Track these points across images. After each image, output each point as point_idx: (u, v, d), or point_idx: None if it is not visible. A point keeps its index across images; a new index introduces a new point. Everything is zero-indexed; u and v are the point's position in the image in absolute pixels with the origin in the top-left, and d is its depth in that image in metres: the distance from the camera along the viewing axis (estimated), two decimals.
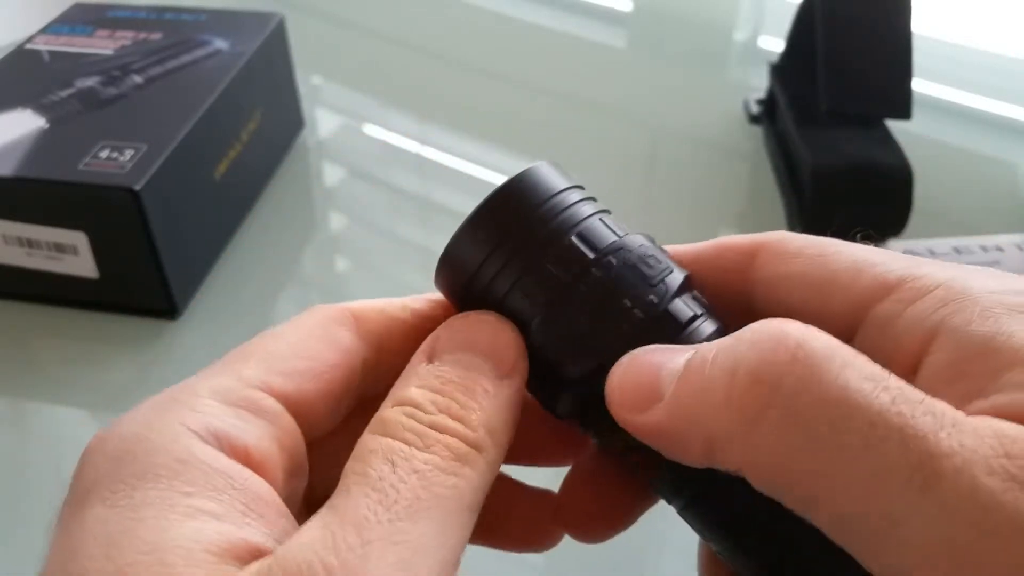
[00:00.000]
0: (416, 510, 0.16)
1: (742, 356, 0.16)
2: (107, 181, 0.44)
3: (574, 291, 0.19)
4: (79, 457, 0.18)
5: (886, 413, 0.14)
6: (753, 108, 0.62)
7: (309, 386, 0.19)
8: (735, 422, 0.15)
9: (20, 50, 0.55)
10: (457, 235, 0.20)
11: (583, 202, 0.20)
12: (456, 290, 0.21)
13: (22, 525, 0.39)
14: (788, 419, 0.15)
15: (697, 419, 0.16)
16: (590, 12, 0.83)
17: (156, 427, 0.17)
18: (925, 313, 0.17)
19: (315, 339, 0.20)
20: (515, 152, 0.63)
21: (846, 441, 0.14)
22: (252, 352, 0.19)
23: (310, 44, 0.70)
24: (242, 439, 0.17)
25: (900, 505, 0.14)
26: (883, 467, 0.14)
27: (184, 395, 0.18)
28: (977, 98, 0.68)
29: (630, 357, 0.18)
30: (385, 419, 0.17)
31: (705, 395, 0.16)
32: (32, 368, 0.47)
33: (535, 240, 0.20)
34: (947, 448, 0.14)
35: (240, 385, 0.18)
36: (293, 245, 0.55)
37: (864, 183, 0.49)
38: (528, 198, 0.20)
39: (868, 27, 0.51)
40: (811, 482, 0.15)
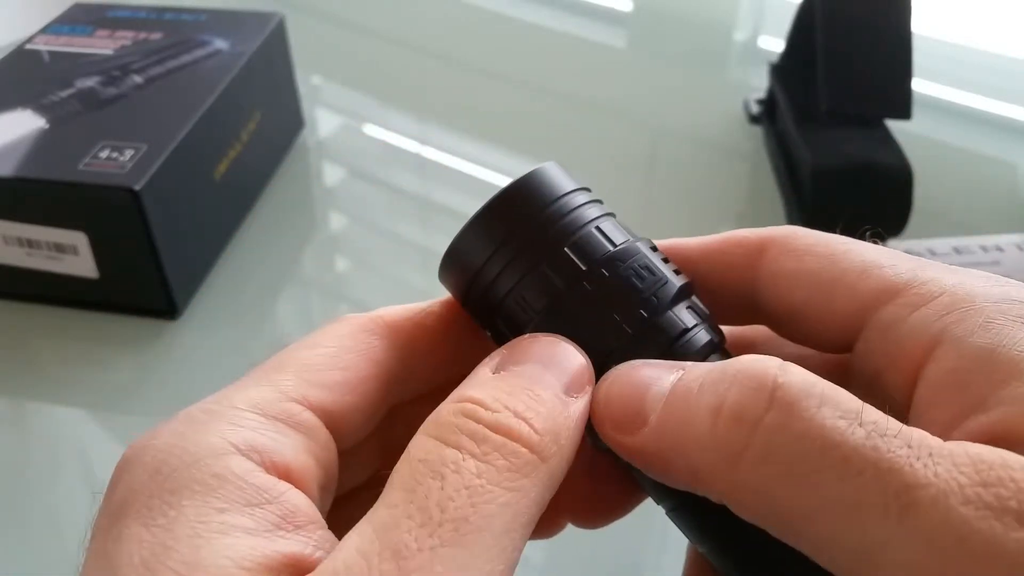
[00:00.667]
0: (463, 533, 0.15)
1: (724, 394, 0.16)
2: (107, 181, 0.44)
3: (567, 300, 0.19)
4: (115, 466, 0.17)
5: (861, 448, 0.15)
6: (753, 108, 0.62)
7: (345, 399, 0.19)
8: (718, 459, 0.16)
9: (20, 50, 0.55)
10: (461, 233, 0.20)
11: (586, 206, 0.20)
12: (460, 288, 0.21)
13: (22, 525, 0.39)
14: (767, 457, 0.15)
15: (681, 450, 0.16)
16: (590, 12, 0.83)
17: (194, 439, 0.16)
18: (928, 320, 0.17)
19: (349, 350, 0.19)
20: (515, 152, 0.63)
21: (823, 477, 0.15)
22: (288, 362, 0.19)
23: (310, 44, 0.70)
24: (281, 454, 0.17)
25: (878, 534, 0.14)
26: (859, 499, 0.14)
27: (222, 406, 0.17)
28: (977, 98, 0.68)
29: (615, 374, 0.18)
30: (440, 420, 0.17)
31: (689, 429, 0.16)
32: (32, 368, 0.47)
33: (535, 244, 0.20)
34: (923, 478, 0.14)
35: (279, 397, 0.18)
36: (293, 245, 0.55)
37: (864, 183, 0.49)
38: (532, 200, 0.20)
39: (868, 27, 0.51)
40: (791, 515, 0.15)
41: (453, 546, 0.14)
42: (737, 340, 0.23)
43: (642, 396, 0.17)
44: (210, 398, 0.18)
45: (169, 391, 0.45)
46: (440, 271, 0.21)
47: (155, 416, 0.47)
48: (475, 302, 0.21)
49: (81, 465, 0.43)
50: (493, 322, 0.20)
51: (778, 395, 0.15)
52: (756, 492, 0.15)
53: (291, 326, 0.52)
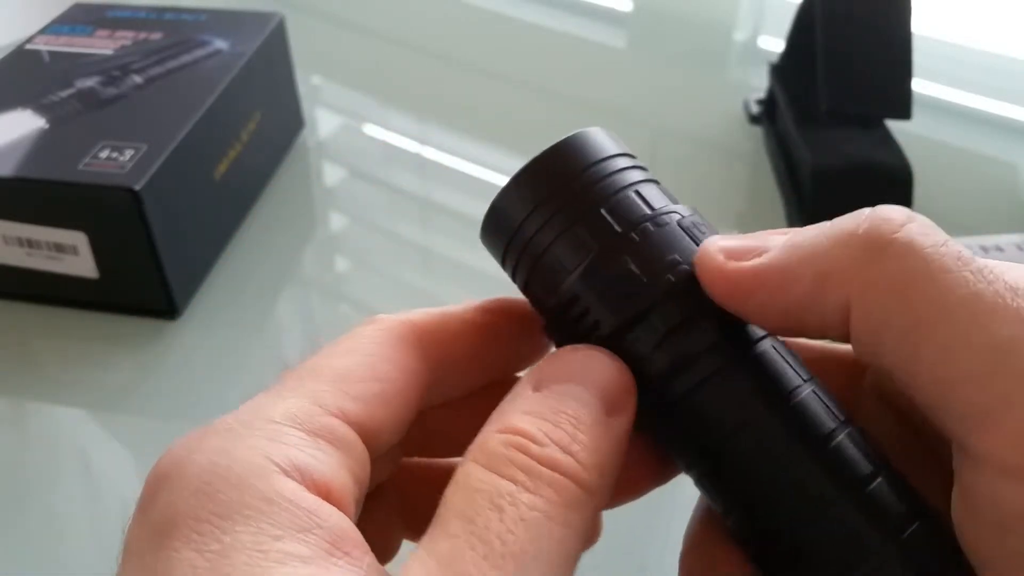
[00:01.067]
0: (523, 564, 0.15)
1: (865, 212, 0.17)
2: (107, 181, 0.44)
3: (626, 240, 0.19)
4: (150, 478, 0.17)
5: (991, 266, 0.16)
6: (753, 108, 0.62)
7: (380, 412, 0.18)
8: (858, 251, 0.17)
9: (20, 50, 0.55)
10: (502, 191, 0.20)
11: (628, 170, 0.20)
12: (498, 245, 0.21)
13: (22, 525, 0.39)
14: (909, 252, 0.16)
15: (812, 255, 0.17)
16: (590, 12, 0.83)
17: (238, 458, 0.16)
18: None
19: (384, 359, 0.19)
20: (515, 152, 0.63)
21: (959, 278, 0.16)
22: (323, 371, 0.18)
23: (310, 44, 0.70)
24: (322, 473, 0.16)
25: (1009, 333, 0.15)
26: (993, 301, 0.15)
27: (261, 420, 0.17)
28: (977, 98, 0.68)
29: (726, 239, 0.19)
30: (491, 450, 0.17)
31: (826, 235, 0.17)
32: (32, 368, 0.47)
33: (573, 204, 0.20)
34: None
35: (318, 411, 0.17)
36: (293, 245, 0.55)
37: (864, 183, 0.49)
38: (573, 161, 0.20)
39: (868, 27, 0.51)
40: (923, 311, 0.16)
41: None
42: None
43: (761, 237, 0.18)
44: (246, 407, 0.18)
45: (169, 391, 0.45)
46: (481, 230, 0.21)
47: (155, 416, 0.47)
48: (513, 260, 0.20)
49: (81, 465, 0.43)
50: (530, 281, 0.20)
51: (916, 216, 0.17)
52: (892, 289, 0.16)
53: (291, 326, 0.52)
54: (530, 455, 0.16)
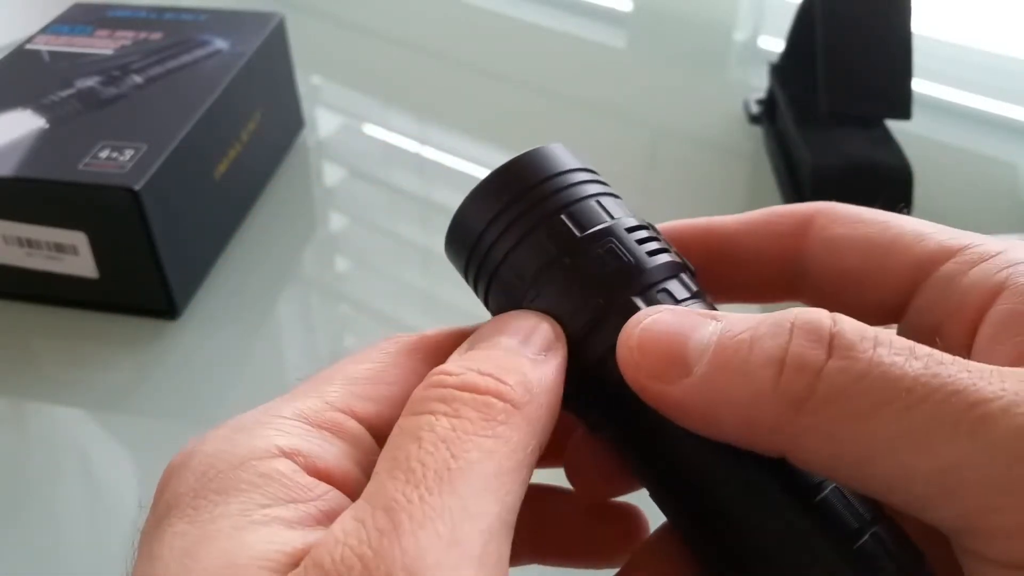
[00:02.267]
0: (447, 481, 0.15)
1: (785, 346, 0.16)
2: (107, 181, 0.44)
3: (558, 267, 0.19)
4: (163, 475, 0.17)
5: (921, 377, 0.15)
6: (753, 108, 0.62)
7: (389, 411, 0.19)
8: (781, 408, 0.16)
9: (20, 50, 0.55)
10: (463, 204, 0.21)
11: (588, 183, 0.20)
12: (461, 260, 0.21)
13: (22, 525, 0.39)
14: (832, 399, 0.15)
15: (735, 402, 0.16)
16: (590, 12, 0.83)
17: (241, 443, 0.17)
18: (990, 272, 0.18)
19: (395, 366, 0.20)
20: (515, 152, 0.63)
21: (888, 409, 0.15)
22: (335, 375, 0.19)
23: (310, 44, 0.70)
24: (324, 459, 0.17)
25: (952, 456, 0.14)
26: (928, 424, 0.15)
27: (268, 416, 0.18)
28: (977, 98, 0.68)
29: (647, 319, 0.18)
30: (414, 397, 0.17)
31: (746, 380, 0.16)
32: (32, 368, 0.47)
33: (532, 211, 0.20)
34: (989, 393, 0.14)
35: (324, 407, 0.18)
36: (293, 245, 0.55)
37: (864, 183, 0.49)
38: (533, 172, 0.20)
39: (868, 27, 0.51)
40: (860, 454, 0.15)
41: (439, 493, 0.15)
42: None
43: (683, 344, 0.17)
44: (259, 408, 0.18)
45: (169, 391, 0.45)
46: (445, 245, 0.21)
47: (155, 416, 0.47)
48: (475, 272, 0.21)
49: (81, 465, 0.43)
50: (489, 292, 0.21)
51: (836, 342, 0.16)
52: (823, 436, 0.16)
53: (291, 326, 0.52)
54: (447, 385, 0.17)
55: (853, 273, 0.20)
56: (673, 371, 0.17)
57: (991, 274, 0.17)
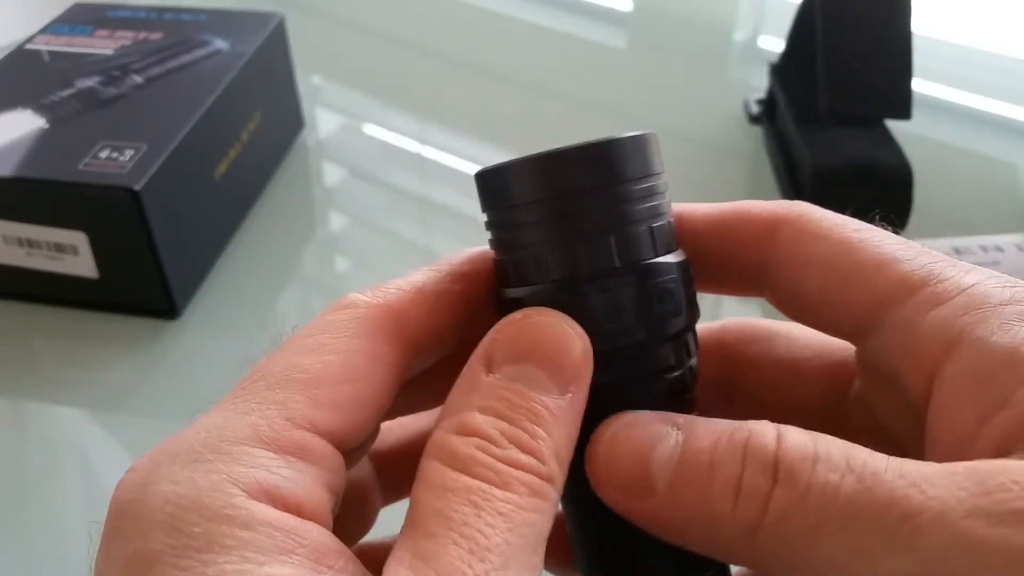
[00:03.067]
0: (507, 556, 0.15)
1: (739, 475, 0.17)
2: (107, 181, 0.44)
3: (582, 288, 0.19)
4: (112, 508, 0.16)
5: (854, 495, 0.15)
6: (753, 108, 0.62)
7: (353, 416, 0.18)
8: (737, 533, 0.17)
9: (20, 50, 0.55)
10: (527, 160, 0.20)
11: (653, 198, 0.19)
12: (490, 202, 0.21)
13: (22, 525, 0.39)
14: (779, 524, 0.16)
15: (701, 523, 0.17)
16: (590, 12, 0.83)
17: (204, 487, 0.16)
18: (947, 319, 0.17)
19: (359, 353, 0.18)
20: (515, 152, 0.63)
21: (827, 530, 0.15)
22: (292, 377, 0.17)
23: (310, 44, 0.70)
24: (295, 493, 0.16)
25: (891, 569, 0.15)
26: (863, 542, 0.15)
27: (226, 443, 0.16)
28: (977, 98, 0.68)
29: (612, 432, 0.18)
30: (456, 452, 0.17)
31: (707, 505, 0.17)
32: (32, 368, 0.47)
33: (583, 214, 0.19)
34: (918, 504, 0.15)
35: (286, 426, 0.17)
36: (293, 245, 0.55)
37: (864, 183, 0.49)
38: (607, 168, 0.19)
39: (868, 27, 0.51)
40: (812, 567, 0.16)
41: (503, 568, 0.15)
42: (737, 335, 0.23)
43: (646, 459, 0.18)
44: (209, 423, 0.17)
45: (169, 391, 0.45)
46: (484, 174, 0.20)
47: (155, 416, 0.47)
48: (496, 223, 0.20)
49: (81, 465, 0.43)
50: (502, 251, 0.20)
51: (780, 468, 0.16)
52: (774, 556, 0.16)
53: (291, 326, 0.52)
54: (494, 456, 0.17)
55: (812, 295, 0.20)
56: (639, 488, 0.18)
57: (948, 322, 0.17)
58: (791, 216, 0.21)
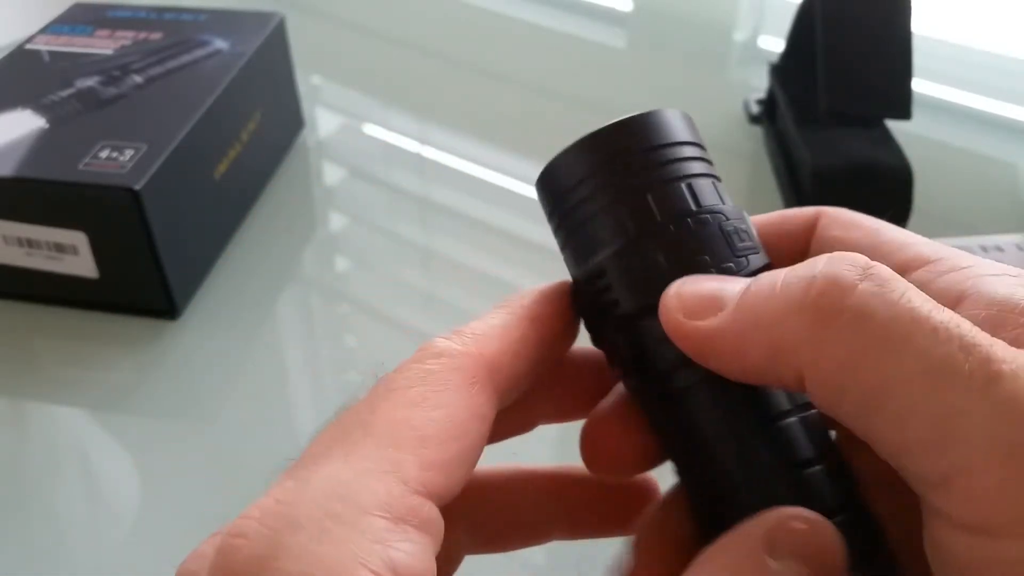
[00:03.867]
0: None
1: (818, 268, 0.17)
2: (107, 181, 0.44)
3: (662, 231, 0.19)
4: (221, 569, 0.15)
5: (948, 323, 0.16)
6: (753, 108, 0.62)
7: (458, 473, 0.17)
8: (808, 322, 0.16)
9: (20, 50, 0.55)
10: (570, 147, 0.21)
11: (690, 161, 0.21)
12: (549, 198, 0.21)
13: (22, 525, 0.39)
14: (860, 321, 0.16)
15: (764, 322, 0.17)
16: (590, 12, 0.83)
17: (333, 568, 0.15)
18: (957, 280, 0.18)
19: (460, 408, 0.18)
20: (515, 152, 0.63)
21: (912, 345, 0.15)
22: (402, 434, 0.17)
23: (310, 44, 0.70)
24: (414, 569, 0.15)
25: (960, 402, 0.15)
26: (946, 366, 0.15)
27: (350, 512, 0.15)
28: (977, 98, 0.68)
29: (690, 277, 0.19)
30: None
31: (777, 300, 0.17)
32: (32, 368, 0.47)
33: (646, 171, 0.20)
34: (1003, 354, 0.15)
35: (404, 491, 0.16)
36: (293, 245, 0.55)
37: (864, 183, 0.49)
38: (638, 138, 0.20)
39: (868, 27, 0.51)
40: (874, 385, 0.16)
41: None
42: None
43: (720, 289, 0.18)
44: (326, 487, 0.16)
45: (169, 391, 0.45)
46: (537, 182, 0.22)
47: (155, 416, 0.47)
48: (556, 219, 0.21)
49: (81, 465, 0.43)
50: (567, 241, 0.21)
51: (872, 271, 0.16)
52: (843, 359, 0.16)
53: (291, 326, 0.52)
54: None
55: None
56: (707, 309, 0.18)
57: (957, 283, 0.18)
58: (828, 209, 0.22)
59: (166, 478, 0.41)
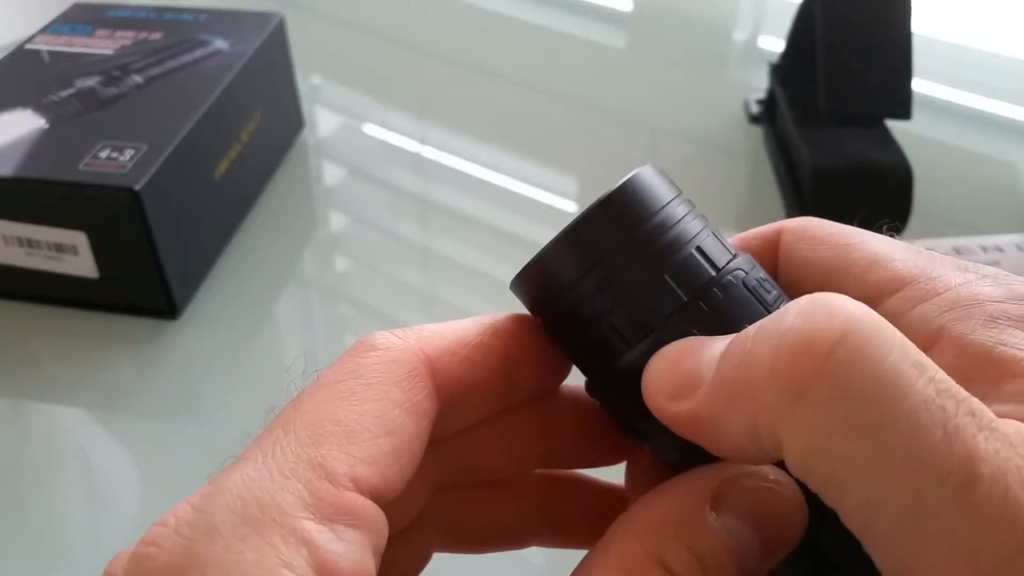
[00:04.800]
0: None
1: (789, 326, 0.15)
2: (107, 181, 0.44)
3: (693, 311, 0.18)
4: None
5: (931, 404, 0.14)
6: (753, 108, 0.62)
7: (392, 470, 0.16)
8: (780, 393, 0.14)
9: (20, 50, 0.55)
10: (556, 241, 0.19)
11: (692, 215, 0.19)
12: (537, 303, 0.20)
13: (22, 525, 0.39)
14: (836, 393, 0.14)
15: (739, 398, 0.15)
16: (590, 12, 0.83)
17: (250, 563, 0.14)
18: (930, 315, 0.17)
19: (393, 404, 0.17)
20: (515, 152, 0.63)
21: (889, 430, 0.14)
22: (327, 429, 0.16)
23: (310, 44, 0.70)
24: (346, 569, 0.15)
25: (933, 501, 0.14)
26: (922, 460, 0.14)
27: (270, 515, 0.15)
28: (977, 98, 0.68)
29: (666, 348, 0.17)
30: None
31: (748, 370, 0.15)
32: (32, 368, 0.47)
33: (651, 252, 0.18)
34: (984, 452, 0.13)
35: (329, 489, 0.15)
36: (293, 245, 0.55)
37: (864, 183, 0.49)
38: (629, 215, 0.18)
39: (868, 27, 0.51)
40: (847, 464, 0.14)
41: None
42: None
43: (697, 360, 0.16)
44: (243, 490, 0.15)
45: (169, 391, 0.45)
46: (518, 281, 0.20)
47: (155, 416, 0.47)
48: (554, 316, 0.19)
49: (81, 465, 0.43)
50: (574, 341, 0.19)
51: (851, 327, 0.14)
52: (816, 438, 0.14)
53: (291, 326, 0.52)
54: None
55: None
56: (686, 387, 0.16)
57: (930, 318, 0.17)
58: (792, 224, 0.20)
59: (166, 478, 0.41)
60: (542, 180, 0.60)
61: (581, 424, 0.21)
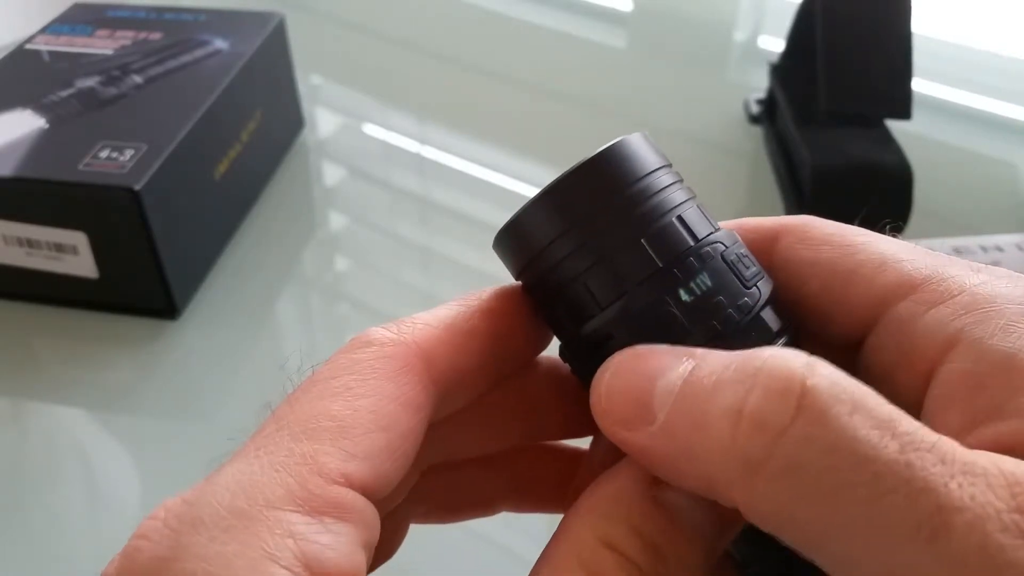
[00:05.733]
0: None
1: (745, 396, 0.15)
2: (107, 181, 0.44)
3: (667, 277, 0.18)
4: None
5: (894, 464, 0.14)
6: (753, 108, 0.62)
7: (386, 465, 0.16)
8: (735, 469, 0.14)
9: (20, 50, 0.55)
10: (530, 204, 0.19)
11: (669, 189, 0.19)
12: (518, 262, 0.20)
13: (22, 525, 0.39)
14: (791, 470, 0.14)
15: (694, 456, 0.15)
16: (590, 12, 0.83)
17: (240, 566, 0.14)
18: (946, 319, 0.16)
19: (388, 398, 0.17)
20: (515, 152, 0.63)
21: (851, 494, 0.14)
22: (320, 425, 0.16)
23: (310, 44, 0.70)
24: (334, 561, 0.15)
25: (906, 558, 0.13)
26: (889, 519, 0.13)
27: (257, 508, 0.15)
28: (977, 98, 0.68)
29: (618, 363, 0.17)
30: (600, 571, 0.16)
31: (703, 433, 0.15)
32: (32, 368, 0.47)
33: (631, 215, 0.18)
34: (957, 500, 0.13)
35: (320, 483, 0.15)
36: (293, 245, 0.55)
37: (864, 183, 0.49)
38: (611, 178, 0.18)
39: (868, 27, 0.51)
40: (812, 532, 0.14)
41: None
42: None
43: (649, 389, 0.16)
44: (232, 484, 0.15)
45: (169, 391, 0.45)
46: (498, 239, 0.20)
47: (155, 416, 0.47)
48: (534, 277, 0.19)
49: (81, 465, 0.43)
50: (551, 303, 0.19)
51: (806, 401, 0.14)
52: (776, 506, 0.14)
53: (291, 326, 0.52)
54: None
55: (813, 301, 0.19)
56: (638, 418, 0.16)
57: (946, 322, 0.16)
58: (792, 224, 0.20)
59: (166, 478, 0.41)
60: (542, 180, 0.60)
61: (561, 395, 0.22)
